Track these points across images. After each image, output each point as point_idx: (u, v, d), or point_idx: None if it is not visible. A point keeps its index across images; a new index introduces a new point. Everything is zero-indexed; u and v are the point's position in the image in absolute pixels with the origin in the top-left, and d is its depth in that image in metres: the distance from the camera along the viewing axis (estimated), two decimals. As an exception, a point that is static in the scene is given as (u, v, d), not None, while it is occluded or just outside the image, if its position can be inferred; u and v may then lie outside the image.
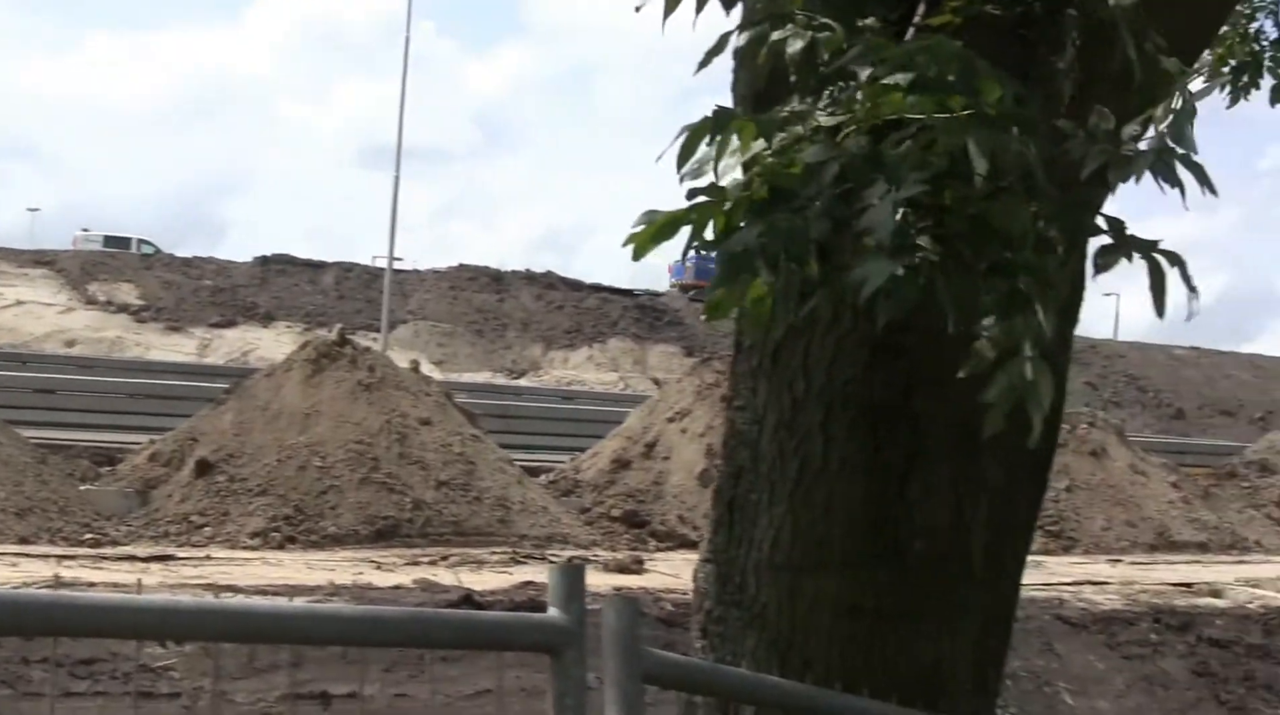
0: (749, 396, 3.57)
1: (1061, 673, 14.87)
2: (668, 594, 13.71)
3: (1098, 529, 22.91)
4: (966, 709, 3.60)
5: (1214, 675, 15.61)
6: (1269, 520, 25.50)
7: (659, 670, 2.84)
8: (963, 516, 3.49)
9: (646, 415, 22.45)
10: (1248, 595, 18.64)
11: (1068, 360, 3.78)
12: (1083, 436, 24.51)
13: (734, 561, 3.58)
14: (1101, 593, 17.86)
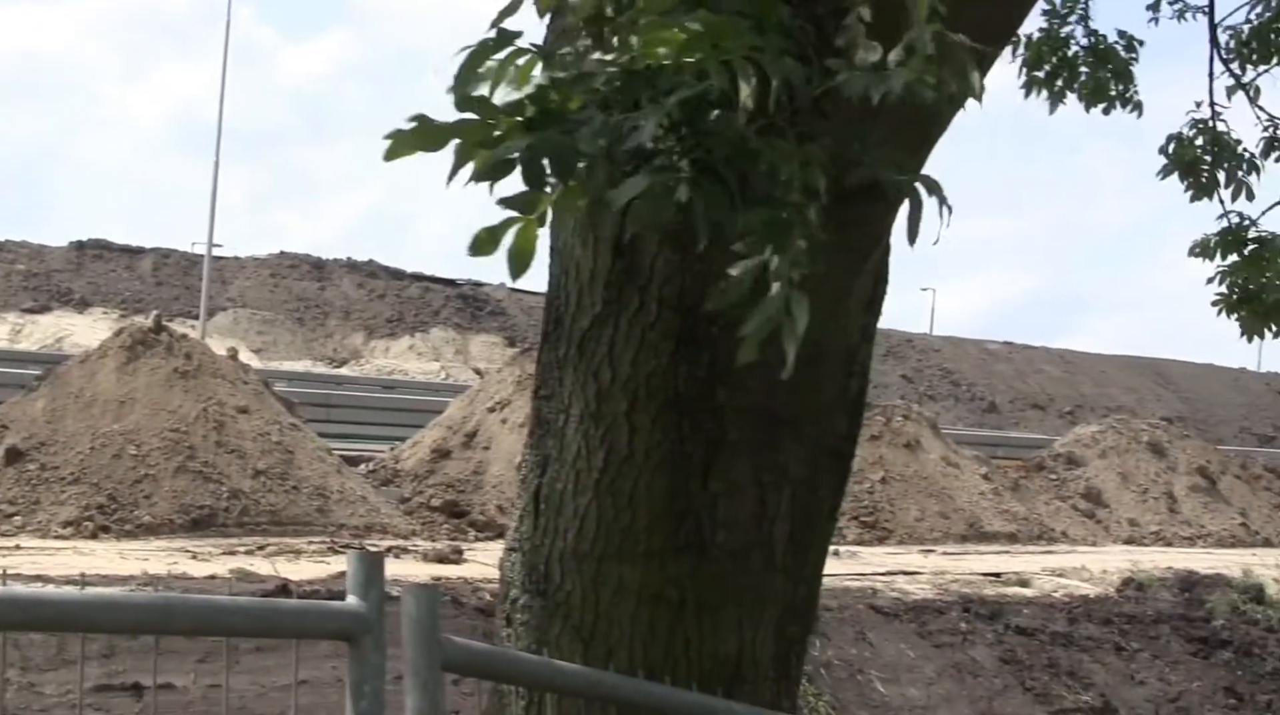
0: (555, 386, 3.58)
1: (874, 661, 15.13)
2: (487, 584, 13.66)
3: (911, 520, 23.35)
4: (768, 696, 3.65)
5: (1020, 663, 16.01)
6: (1075, 511, 26.25)
7: (459, 658, 2.84)
8: (765, 507, 3.54)
9: (467, 405, 22.37)
10: (1054, 585, 19.17)
11: (870, 352, 3.85)
12: (897, 429, 24.97)
13: (539, 550, 3.59)
14: (914, 582, 18.21)
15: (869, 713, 14.20)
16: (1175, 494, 27.58)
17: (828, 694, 14.24)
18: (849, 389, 3.76)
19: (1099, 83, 8.51)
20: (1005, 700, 15.36)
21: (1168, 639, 17.45)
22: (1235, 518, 27.58)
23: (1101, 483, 27.31)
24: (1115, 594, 19.14)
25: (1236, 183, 8.55)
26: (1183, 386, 61.14)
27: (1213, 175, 8.56)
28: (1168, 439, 29.23)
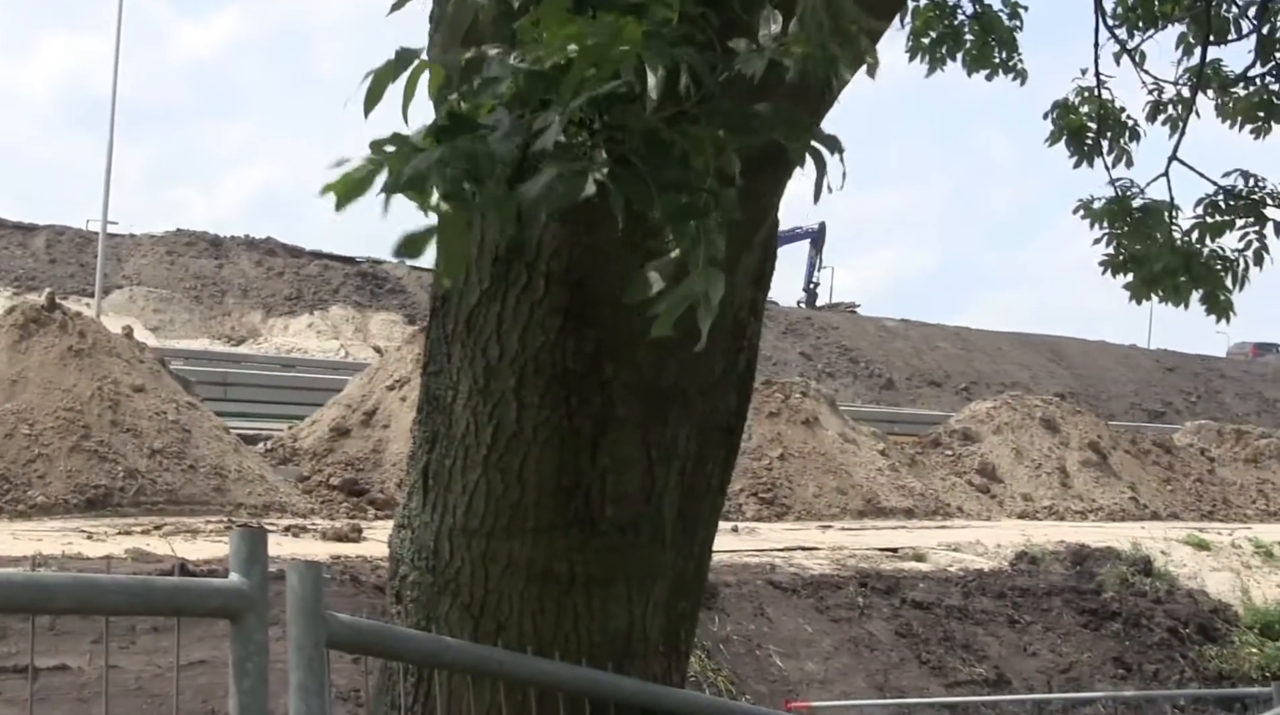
0: (444, 362, 3.57)
1: (772, 636, 15.23)
2: (386, 562, 13.59)
3: (809, 496, 23.53)
4: (658, 670, 3.68)
5: (916, 636, 16.20)
6: (970, 487, 26.58)
7: (344, 635, 2.84)
8: (654, 482, 3.56)
9: (366, 383, 22.24)
10: (949, 559, 19.41)
11: (759, 328, 3.88)
12: (796, 406, 25.13)
13: (428, 527, 3.58)
14: (812, 558, 18.36)
15: (767, 687, 14.31)
16: (1068, 469, 28.00)
17: (727, 668, 14.33)
18: (737, 364, 3.78)
19: (982, 49, 8.62)
20: (901, 673, 15.54)
21: (1059, 611, 17.74)
22: (1125, 492, 28.06)
23: (996, 458, 27.66)
24: (1009, 568, 19.42)
25: (1119, 150, 8.70)
26: (1076, 363, 62.02)
27: (1096, 142, 8.70)
28: (1060, 415, 29.66)
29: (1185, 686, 16.30)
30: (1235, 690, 14.18)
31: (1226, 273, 7.95)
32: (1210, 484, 30.52)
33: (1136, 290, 8.13)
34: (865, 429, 26.73)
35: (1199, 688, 16.09)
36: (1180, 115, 8.61)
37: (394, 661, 3.58)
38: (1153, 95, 8.71)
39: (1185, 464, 30.83)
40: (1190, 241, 8.13)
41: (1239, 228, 8.13)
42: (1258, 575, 20.81)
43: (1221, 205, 8.19)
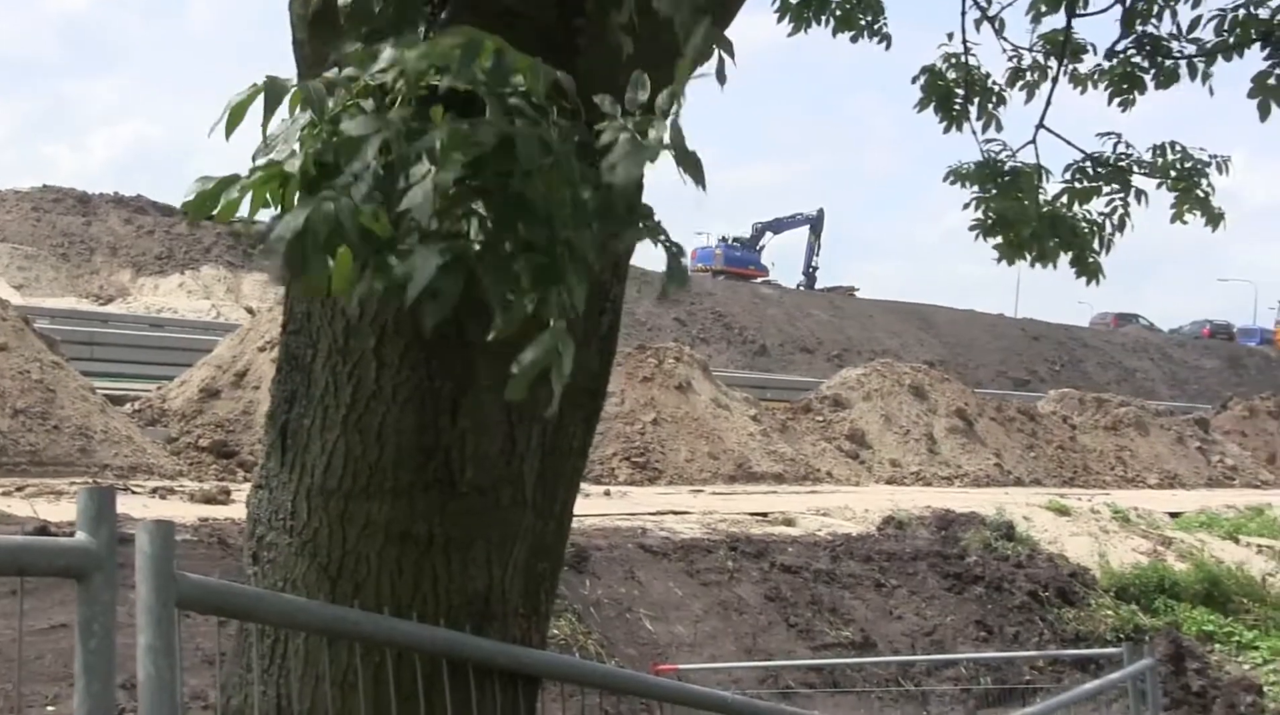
0: (303, 321, 3.53)
1: (643, 599, 15.31)
2: (252, 525, 13.46)
3: (681, 460, 23.68)
4: (518, 632, 3.68)
5: (785, 600, 16.37)
6: (840, 452, 26.91)
7: (194, 595, 2.80)
8: (515, 444, 3.56)
9: (237, 344, 21.97)
10: (818, 523, 19.65)
11: (622, 290, 3.89)
12: (669, 371, 25.26)
13: (286, 487, 3.55)
14: (683, 522, 18.49)
15: (637, 650, 14.38)
16: (935, 435, 28.46)
17: (597, 632, 14.38)
18: (600, 327, 3.79)
19: (848, 12, 8.70)
20: (769, 636, 15.70)
21: (924, 575, 18.02)
22: (990, 458, 28.58)
23: (865, 424, 28.03)
24: (876, 532, 19.70)
25: (987, 115, 8.83)
26: (945, 332, 62.94)
27: (964, 108, 8.82)
28: (929, 382, 30.11)
29: (1044, 648, 16.64)
30: (1090, 651, 14.52)
31: (1093, 237, 8.11)
32: (1071, 451, 31.20)
33: (1005, 253, 8.26)
34: (738, 394, 26.95)
35: (1057, 649, 16.44)
36: (1036, 82, 8.74)
37: (248, 623, 3.55)
38: (1012, 62, 8.84)
39: (1048, 431, 31.47)
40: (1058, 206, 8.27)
41: (1105, 194, 8.30)
42: (1114, 540, 21.32)
43: (1089, 172, 8.35)
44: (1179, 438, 34.27)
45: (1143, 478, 31.17)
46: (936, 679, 15.10)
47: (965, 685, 15.00)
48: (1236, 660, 18.47)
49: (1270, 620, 20.13)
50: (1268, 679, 17.90)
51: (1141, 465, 31.95)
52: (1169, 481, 31.45)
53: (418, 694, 3.46)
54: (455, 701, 3.50)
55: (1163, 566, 20.39)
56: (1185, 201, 8.20)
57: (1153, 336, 79.69)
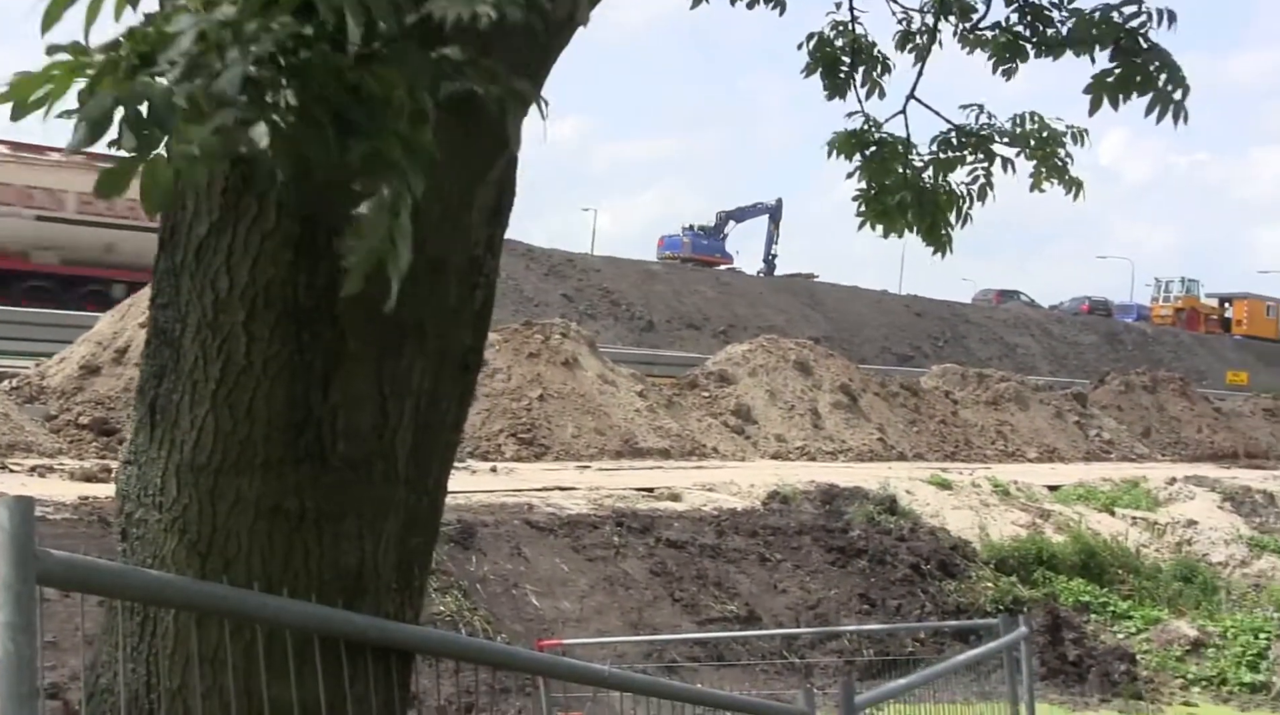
0: (171, 294, 3.48)
1: (529, 575, 15.32)
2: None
3: (568, 436, 23.68)
4: (391, 607, 3.67)
5: (670, 575, 16.45)
6: (726, 428, 27.04)
7: (57, 572, 2.76)
8: (388, 418, 3.53)
9: (118, 320, 21.62)
10: (704, 499, 19.75)
11: (496, 264, 3.87)
12: (556, 347, 25.24)
13: (155, 463, 3.50)
14: (569, 498, 18.50)
15: (523, 625, 14.39)
16: (819, 410, 28.68)
17: (483, 608, 14.36)
18: (474, 301, 3.77)
19: None
20: (655, 611, 15.77)
21: (809, 549, 18.19)
22: (874, 433, 28.87)
23: (751, 400, 28.17)
24: (761, 507, 19.84)
25: (871, 83, 8.89)
26: (830, 308, 63.43)
27: (849, 75, 8.87)
28: (814, 358, 30.34)
29: (925, 620, 16.88)
30: (968, 622, 14.76)
31: (951, 207, 8.22)
32: (953, 425, 31.61)
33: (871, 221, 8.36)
34: (624, 371, 26.99)
35: (938, 621, 16.69)
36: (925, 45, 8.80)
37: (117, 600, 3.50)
38: (902, 25, 8.90)
39: (930, 406, 31.86)
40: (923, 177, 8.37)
41: (969, 164, 8.41)
42: (995, 513, 21.66)
43: (954, 142, 8.46)
44: (1058, 412, 34.85)
45: (1022, 452, 31.67)
46: (820, 651, 15.27)
47: (848, 657, 15.18)
48: (1111, 630, 18.87)
49: (1144, 590, 20.58)
50: (1141, 648, 18.31)
51: (1021, 439, 32.46)
52: (1048, 455, 31.98)
53: (289, 671, 3.44)
54: (327, 677, 3.48)
55: (1041, 539, 20.75)
56: (1044, 169, 8.34)
57: (1033, 313, 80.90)
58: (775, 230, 75.52)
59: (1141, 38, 7.12)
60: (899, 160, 8.32)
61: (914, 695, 9.52)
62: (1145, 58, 7.03)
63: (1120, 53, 7.14)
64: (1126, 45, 7.14)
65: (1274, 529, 25.23)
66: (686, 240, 73.89)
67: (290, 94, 2.51)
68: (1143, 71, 7.01)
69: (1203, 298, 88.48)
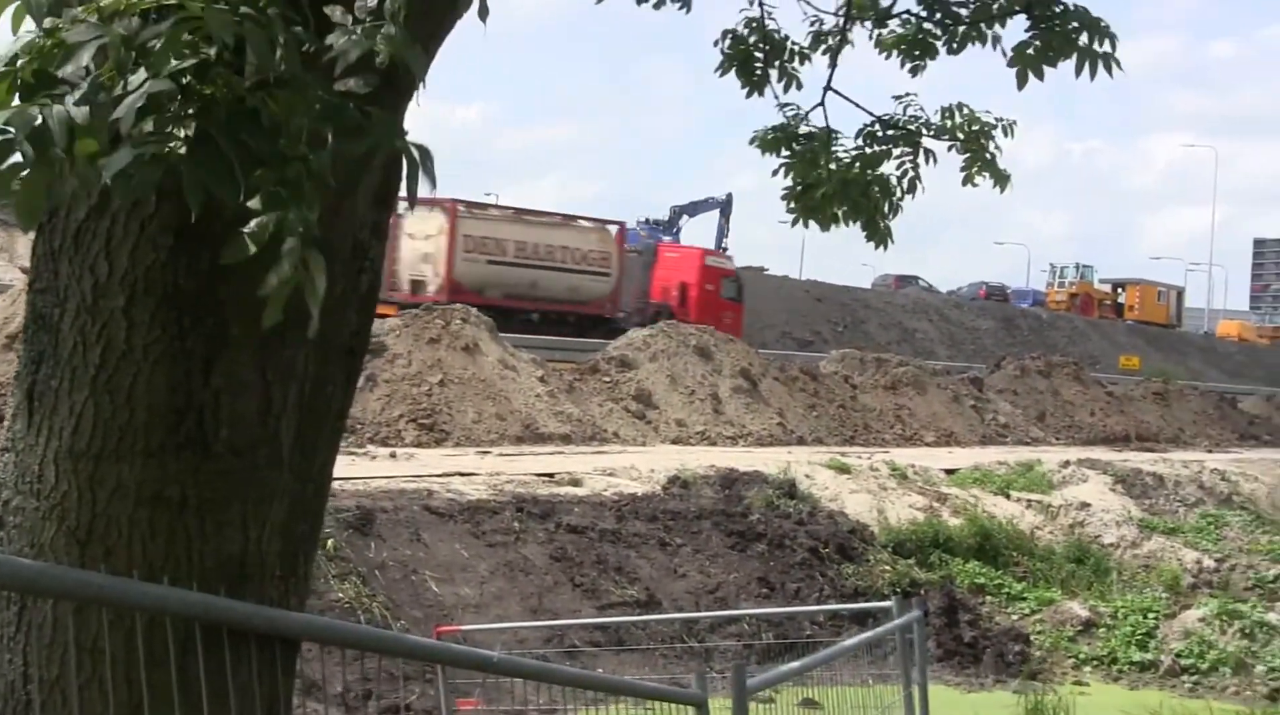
0: (50, 279, 3.42)
1: (428, 561, 15.26)
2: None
3: (469, 422, 23.59)
4: (275, 594, 3.64)
5: (571, 560, 16.46)
6: (627, 413, 27.05)
7: (-74, 562, 2.72)
8: (271, 404, 3.50)
9: (9, 305, 21.22)
10: (604, 484, 19.76)
11: (383, 249, 3.85)
12: (456, 332, 25.13)
13: (33, 450, 3.45)
14: (469, 483, 18.44)
15: (423, 612, 14.33)
16: (720, 395, 28.76)
17: (382, 595, 14.29)
18: (359, 285, 3.75)
19: None
20: (555, 596, 15.78)
21: (709, 534, 18.27)
22: (774, 418, 29.02)
23: (652, 385, 28.19)
24: (662, 492, 19.88)
25: (787, 76, 8.87)
26: (732, 293, 63.64)
27: (765, 72, 8.85)
28: (714, 343, 30.42)
29: (824, 603, 17.01)
30: (865, 605, 14.90)
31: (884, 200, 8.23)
32: (852, 410, 31.83)
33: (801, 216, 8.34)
34: (525, 356, 26.92)
35: (836, 604, 16.82)
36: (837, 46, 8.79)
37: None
38: (814, 26, 8.88)
39: (830, 391, 32.06)
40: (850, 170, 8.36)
41: (895, 157, 8.41)
42: (893, 496, 21.86)
43: (879, 135, 8.46)
44: (955, 397, 35.20)
45: (920, 436, 31.97)
46: (720, 635, 15.35)
47: (747, 641, 15.27)
48: (1006, 611, 19.14)
49: (1038, 572, 20.90)
50: (1035, 629, 18.60)
51: (919, 423, 32.76)
52: (945, 439, 32.30)
53: (170, 660, 3.40)
54: (209, 666, 3.45)
55: (938, 522, 20.99)
56: (975, 163, 8.35)
57: (932, 298, 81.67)
58: (726, 224, 76.61)
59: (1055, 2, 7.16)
60: (822, 152, 8.31)
61: (811, 678, 9.62)
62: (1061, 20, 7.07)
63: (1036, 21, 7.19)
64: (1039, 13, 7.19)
65: (1163, 511, 25.71)
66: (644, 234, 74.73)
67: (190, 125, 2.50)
68: (1062, 35, 7.05)
69: (1096, 283, 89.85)
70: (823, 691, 9.65)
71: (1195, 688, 17.09)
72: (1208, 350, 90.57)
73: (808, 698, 10.13)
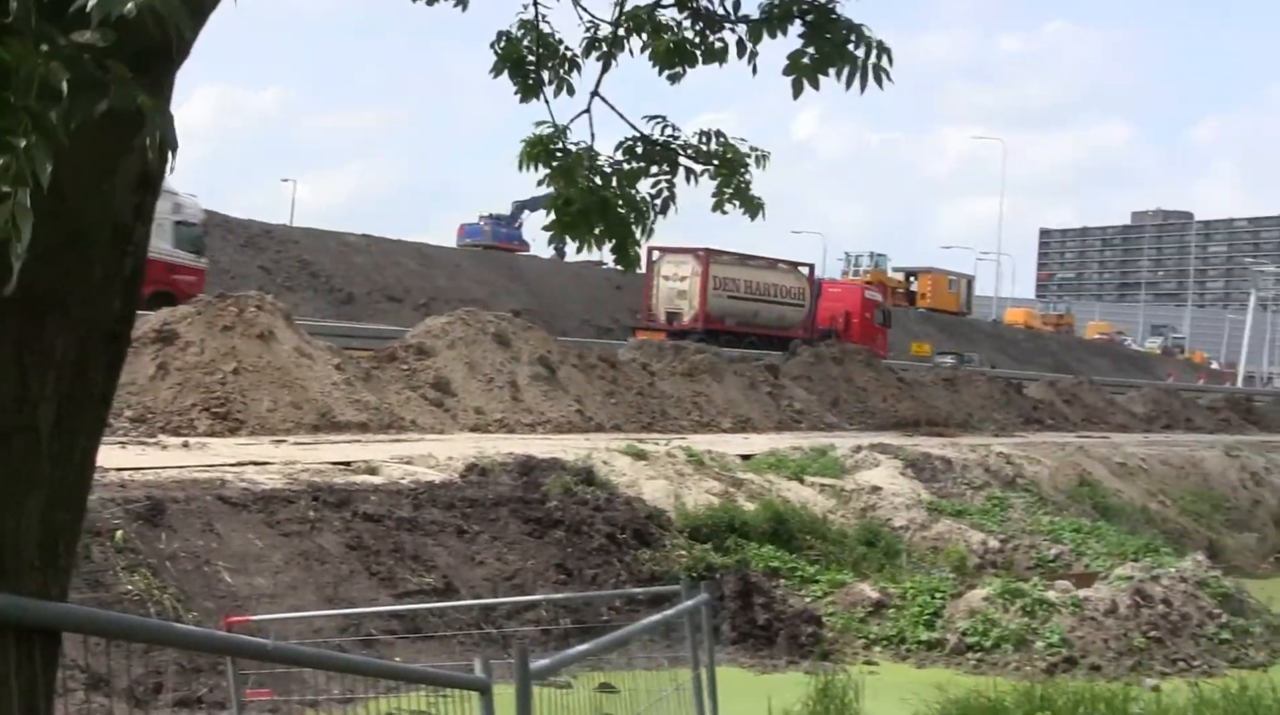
0: None
1: (221, 552, 15.04)
2: None
3: (264, 410, 23.25)
4: (34, 585, 3.54)
5: (367, 548, 16.35)
6: (425, 400, 26.91)
7: None
8: (28, 391, 3.41)
9: None
10: (402, 472, 19.65)
11: (148, 232, 3.77)
12: (250, 320, 24.72)
13: None
14: (264, 473, 18.20)
15: (215, 603, 14.12)
16: (519, 383, 28.76)
17: (173, 586, 14.05)
18: (122, 269, 3.66)
19: None
20: (351, 585, 15.66)
21: (506, 521, 18.28)
22: (572, 405, 29.11)
23: (450, 372, 28.07)
24: (459, 479, 19.83)
25: (559, 80, 8.76)
26: (531, 281, 63.74)
27: (539, 76, 8.74)
28: (513, 330, 30.41)
29: (621, 588, 17.12)
30: (657, 589, 15.02)
31: (638, 222, 8.11)
32: (650, 397, 32.07)
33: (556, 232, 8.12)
34: (321, 343, 26.61)
35: (632, 589, 16.94)
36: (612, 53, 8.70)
37: None
38: (589, 31, 8.78)
39: (628, 378, 32.26)
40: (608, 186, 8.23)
41: (653, 175, 8.31)
42: (689, 482, 22.08)
43: (638, 151, 8.36)
44: (751, 383, 35.67)
45: (717, 422, 32.32)
46: (517, 622, 15.36)
47: (545, 626, 15.31)
48: (800, 594, 19.47)
49: (831, 555, 21.32)
50: (827, 610, 18.97)
51: (716, 410, 33.13)
52: (741, 425, 32.73)
53: None
54: (-39, 660, 3.35)
55: (734, 507, 21.27)
56: (726, 190, 8.29)
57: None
58: None
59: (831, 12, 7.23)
60: (582, 168, 8.18)
61: (609, 662, 9.71)
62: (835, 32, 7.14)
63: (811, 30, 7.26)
64: (816, 21, 7.26)
65: (951, 494, 26.43)
66: (487, 228, 77.33)
67: None
68: (838, 46, 7.12)
69: (890, 272, 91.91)
70: (619, 675, 9.74)
71: (979, 664, 17.60)
72: (995, 337, 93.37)
73: (605, 682, 10.21)
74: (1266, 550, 32.04)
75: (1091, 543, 24.78)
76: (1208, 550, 26.44)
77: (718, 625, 16.46)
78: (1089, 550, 24.22)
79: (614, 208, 7.90)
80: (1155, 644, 18.42)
